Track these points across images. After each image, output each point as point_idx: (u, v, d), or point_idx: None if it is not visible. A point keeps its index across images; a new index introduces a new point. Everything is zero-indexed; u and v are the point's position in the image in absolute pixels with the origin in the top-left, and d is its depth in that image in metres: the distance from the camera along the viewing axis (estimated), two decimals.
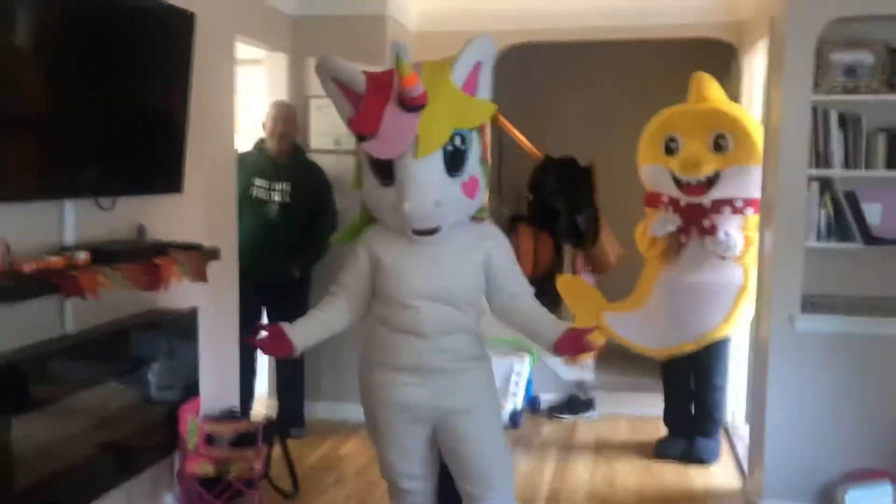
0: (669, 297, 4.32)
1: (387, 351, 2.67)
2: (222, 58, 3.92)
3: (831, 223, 3.53)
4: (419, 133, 2.40)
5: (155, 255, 3.01)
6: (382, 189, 2.54)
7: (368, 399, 2.75)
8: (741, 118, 4.19)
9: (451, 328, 2.62)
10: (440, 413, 2.65)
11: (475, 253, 2.64)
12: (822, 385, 3.55)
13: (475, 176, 2.57)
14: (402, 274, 2.60)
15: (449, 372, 2.63)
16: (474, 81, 2.55)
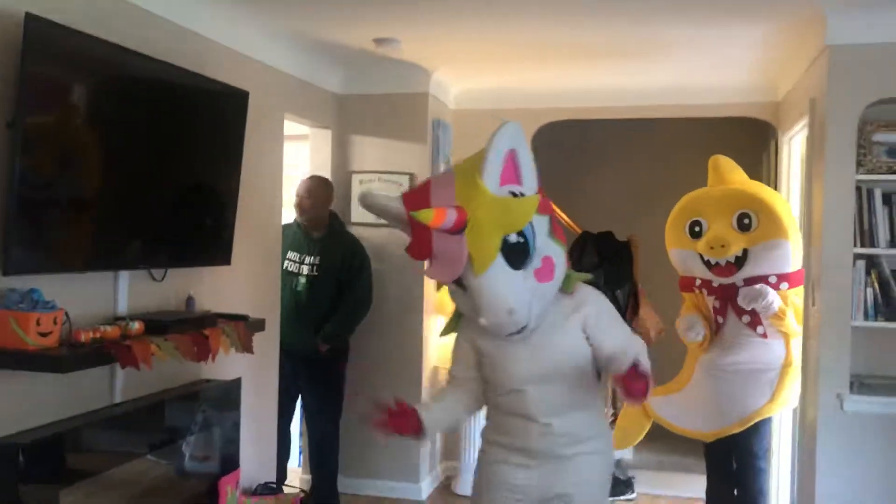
0: (712, 378, 4.25)
1: (500, 431, 2.65)
2: (271, 134, 4.05)
3: (878, 302, 3.50)
4: (470, 251, 2.36)
5: (203, 326, 3.06)
6: (461, 294, 2.50)
7: (479, 473, 2.72)
8: (762, 195, 4.18)
9: (564, 407, 2.56)
10: (546, 499, 2.59)
11: (571, 320, 2.55)
12: (872, 467, 3.46)
13: (548, 256, 2.47)
14: (504, 362, 2.57)
15: (560, 457, 2.57)
16: (513, 169, 2.49)
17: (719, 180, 4.30)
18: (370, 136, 4.92)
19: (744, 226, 4.07)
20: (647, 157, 6.36)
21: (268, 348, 3.97)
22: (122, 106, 2.83)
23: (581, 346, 2.56)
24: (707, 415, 4.27)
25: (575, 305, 2.56)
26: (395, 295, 4.89)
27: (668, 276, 5.50)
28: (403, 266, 4.86)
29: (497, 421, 2.67)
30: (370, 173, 4.90)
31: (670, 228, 4.39)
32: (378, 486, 4.87)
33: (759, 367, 4.16)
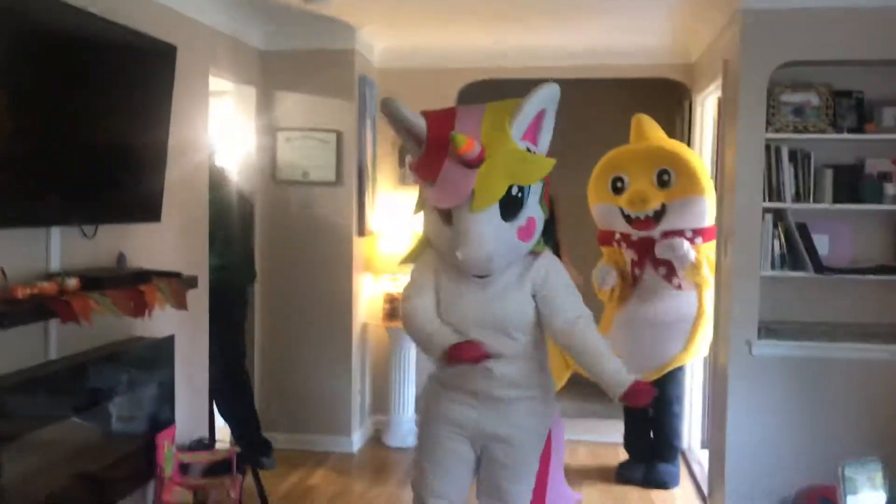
0: (629, 329, 4.48)
1: (446, 371, 2.78)
2: (197, 91, 3.99)
3: (784, 252, 3.75)
4: (476, 188, 2.46)
5: (138, 283, 3.05)
6: (442, 226, 2.61)
7: (426, 409, 2.86)
8: (681, 153, 4.41)
9: (507, 353, 2.69)
10: (484, 437, 2.74)
11: (526, 282, 2.69)
12: (777, 407, 3.73)
13: (533, 218, 2.61)
14: (456, 301, 2.69)
15: (500, 399, 2.71)
16: (537, 128, 2.63)
17: (641, 138, 4.50)
18: (296, 92, 4.89)
19: (663, 182, 4.27)
20: (566, 118, 6.46)
21: (198, 305, 3.95)
22: (44, 60, 2.73)
23: (530, 306, 2.71)
24: (626, 363, 4.48)
25: (532, 269, 2.71)
26: (324, 252, 4.92)
27: (585, 233, 5.70)
28: (333, 224, 4.90)
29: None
30: (296, 130, 4.88)
31: (593, 184, 4.56)
32: (310, 440, 4.94)
33: (673, 317, 4.40)
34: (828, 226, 3.79)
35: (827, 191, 3.74)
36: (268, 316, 4.99)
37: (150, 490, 3.54)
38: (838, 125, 3.73)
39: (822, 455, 3.70)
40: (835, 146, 3.78)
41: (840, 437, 3.70)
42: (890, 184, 3.70)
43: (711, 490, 4.10)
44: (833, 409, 3.70)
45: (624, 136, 4.87)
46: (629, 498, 4.32)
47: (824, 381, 3.71)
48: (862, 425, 3.68)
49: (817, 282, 3.77)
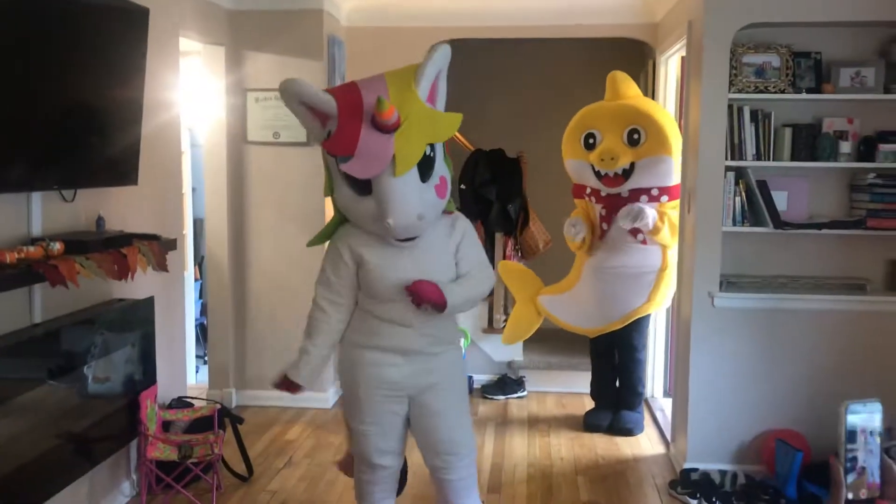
0: (597, 280, 4.64)
1: (374, 334, 2.82)
2: (167, 52, 3.98)
3: (745, 209, 3.89)
4: (396, 153, 2.52)
5: (120, 245, 3.09)
6: (359, 200, 2.64)
7: (352, 377, 2.88)
8: (653, 113, 4.51)
9: (434, 317, 2.78)
10: (417, 390, 2.84)
11: (448, 244, 2.80)
12: (738, 356, 3.92)
13: (443, 175, 2.71)
14: (385, 272, 2.74)
15: (428, 354, 2.82)
16: (435, 90, 2.69)
17: (616, 95, 4.59)
18: (265, 52, 4.88)
19: (633, 140, 4.39)
20: (533, 77, 6.58)
21: (175, 267, 3.99)
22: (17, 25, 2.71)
23: (451, 264, 2.82)
24: (591, 313, 4.67)
25: (451, 228, 2.82)
26: (297, 213, 4.97)
27: (553, 191, 5.83)
28: (305, 185, 4.94)
29: (370, 325, 2.82)
30: (266, 91, 4.88)
31: (567, 139, 4.67)
32: (286, 397, 4.98)
33: (638, 270, 4.56)
34: (786, 182, 3.94)
35: (786, 149, 3.87)
36: (241, 276, 5.05)
37: (134, 448, 3.64)
38: (797, 85, 3.85)
39: (781, 401, 3.92)
40: (794, 106, 3.91)
41: (797, 384, 3.90)
42: (845, 142, 3.85)
43: (674, 435, 4.30)
44: (790, 357, 3.89)
45: (589, 95, 4.96)
46: (596, 445, 4.51)
47: (782, 331, 3.89)
48: (818, 372, 3.88)
49: (776, 236, 3.93)
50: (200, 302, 6.15)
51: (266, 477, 3.99)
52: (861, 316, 3.85)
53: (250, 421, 4.68)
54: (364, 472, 3.01)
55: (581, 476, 4.06)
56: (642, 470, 4.15)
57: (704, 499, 3.64)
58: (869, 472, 1.03)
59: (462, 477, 2.92)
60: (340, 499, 3.74)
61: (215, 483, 3.63)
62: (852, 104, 3.87)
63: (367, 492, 3.02)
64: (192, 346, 5.73)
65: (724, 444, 3.95)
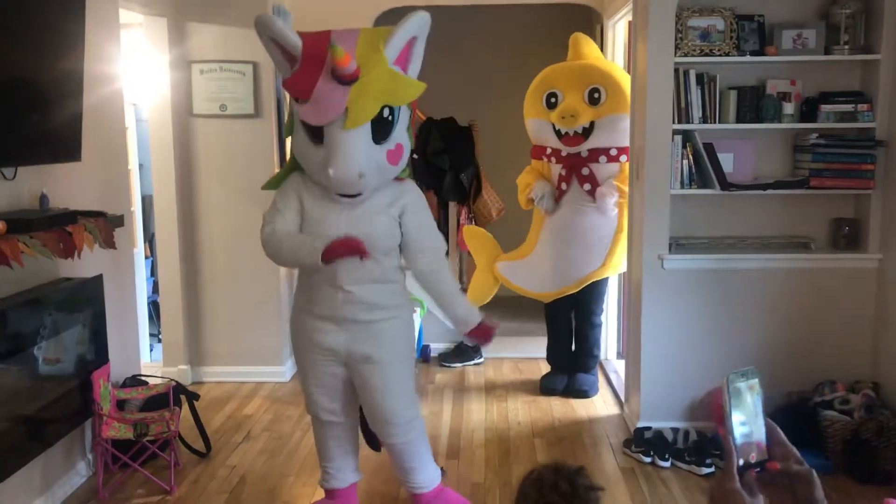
0: (553, 243, 4.70)
1: (310, 300, 2.89)
2: (106, 24, 3.88)
3: (692, 171, 3.95)
4: (349, 106, 2.54)
5: (65, 223, 3.03)
6: (312, 147, 2.68)
7: (295, 340, 2.99)
8: (613, 73, 4.55)
9: (366, 278, 2.81)
10: (353, 358, 2.88)
11: (392, 207, 2.83)
12: (688, 316, 4.00)
13: (400, 143, 2.73)
14: (321, 224, 2.77)
15: (363, 322, 2.85)
16: (407, 55, 2.70)
17: (577, 56, 4.63)
18: (208, 23, 4.78)
19: (594, 99, 4.43)
20: (482, 45, 6.56)
21: (123, 244, 3.93)
22: None
23: (394, 230, 2.85)
24: (547, 277, 4.73)
25: (398, 194, 2.85)
26: (247, 186, 4.91)
27: (506, 158, 5.85)
28: (254, 157, 4.88)
29: (307, 290, 2.90)
30: (211, 62, 4.79)
31: (529, 99, 4.70)
32: (243, 372, 5.03)
33: (594, 234, 4.62)
34: (732, 145, 4.00)
35: (731, 111, 3.93)
36: (192, 252, 4.98)
37: (89, 428, 3.60)
38: (741, 48, 3.90)
39: (730, 359, 4.01)
40: (738, 69, 3.97)
41: (745, 342, 3.99)
42: (789, 103, 3.92)
43: (628, 396, 4.39)
44: (739, 316, 3.98)
45: (539, 62, 4.97)
46: (553, 407, 4.58)
47: (730, 290, 3.97)
48: (765, 330, 3.98)
49: (723, 198, 4.00)
50: (152, 279, 6.07)
51: (225, 452, 3.99)
52: (806, 273, 3.96)
53: (207, 397, 4.67)
54: (316, 429, 3.10)
55: (538, 438, 4.13)
56: (597, 430, 4.23)
57: (658, 456, 3.73)
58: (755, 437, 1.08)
59: (404, 441, 2.99)
60: (300, 471, 3.76)
61: (173, 460, 3.61)
62: (795, 66, 3.94)
63: (322, 447, 3.11)
64: (146, 324, 5.66)
65: (675, 402, 4.04)
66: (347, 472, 3.14)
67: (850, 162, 3.85)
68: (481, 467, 3.79)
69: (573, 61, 4.64)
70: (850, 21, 3.85)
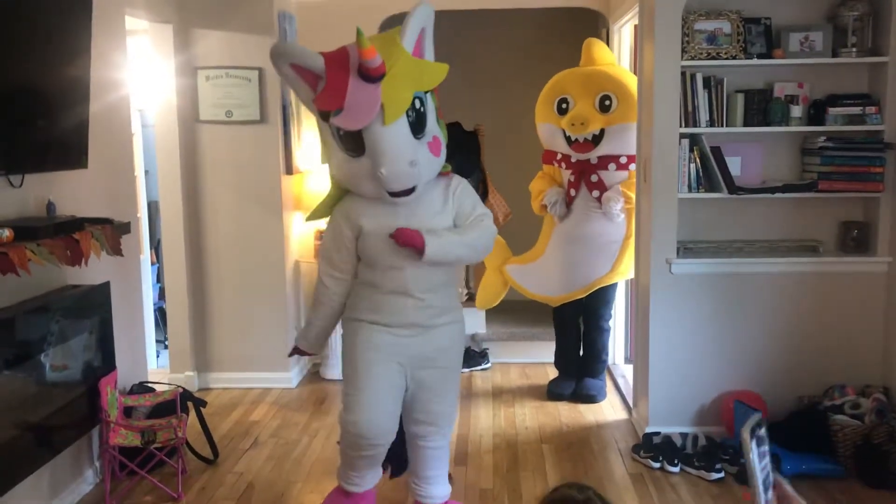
0: (563, 248, 4.70)
1: (375, 310, 2.86)
2: (114, 31, 3.88)
3: (699, 175, 3.93)
4: (384, 101, 2.55)
5: (72, 230, 3.03)
6: (354, 161, 2.68)
7: (353, 347, 2.91)
8: (625, 80, 4.54)
9: (436, 283, 2.83)
10: (416, 362, 2.87)
11: (448, 205, 2.83)
12: (696, 320, 3.98)
13: (436, 135, 2.77)
14: (382, 236, 2.75)
15: (429, 326, 2.86)
16: (421, 46, 2.73)
17: (590, 61, 4.62)
18: (214, 30, 4.78)
19: (604, 107, 4.43)
20: (487, 50, 6.56)
21: (130, 251, 3.93)
22: None
23: (451, 224, 2.85)
24: (556, 281, 4.73)
25: (450, 190, 2.85)
26: (253, 192, 4.92)
27: (512, 163, 5.85)
28: (260, 164, 4.88)
29: (373, 300, 2.87)
30: (217, 69, 4.79)
31: (540, 103, 4.71)
32: (250, 378, 5.02)
33: (603, 239, 4.61)
34: (739, 148, 3.98)
35: (738, 114, 3.91)
36: (198, 258, 4.98)
37: (96, 435, 3.60)
38: (748, 51, 3.88)
39: (738, 363, 4.00)
40: (745, 71, 3.95)
41: (754, 346, 3.97)
42: (796, 106, 3.90)
43: (636, 401, 4.37)
44: (747, 320, 3.96)
45: (545, 66, 4.97)
46: (560, 413, 4.56)
47: (738, 294, 3.95)
48: (773, 334, 3.96)
49: (731, 202, 3.98)
50: (158, 286, 6.07)
51: (232, 458, 3.97)
52: (814, 277, 3.93)
53: (214, 403, 4.67)
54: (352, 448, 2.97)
55: (546, 444, 4.11)
56: (606, 436, 4.21)
57: (666, 461, 3.71)
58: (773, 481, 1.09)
59: (439, 446, 2.98)
60: (308, 478, 3.74)
61: (180, 467, 3.59)
62: (802, 69, 3.92)
63: (353, 458, 3.00)
64: (152, 330, 5.65)
65: (684, 407, 4.02)
66: (369, 478, 3.12)
67: (859, 165, 3.83)
68: (489, 473, 3.77)
69: (585, 67, 4.63)
70: (857, 23, 3.84)
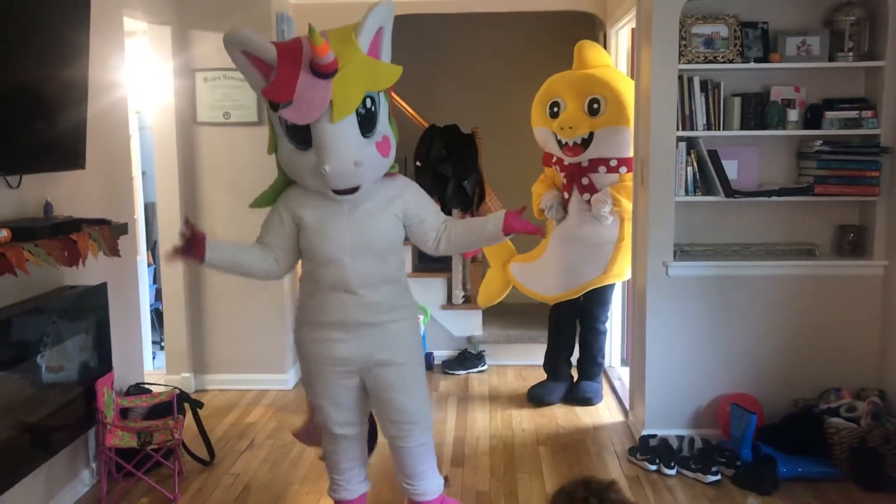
0: (558, 248, 4.73)
1: (317, 309, 2.86)
2: (112, 32, 3.88)
3: (696, 178, 3.94)
4: (333, 98, 2.53)
5: (69, 231, 3.02)
6: (300, 153, 2.67)
7: (303, 355, 2.95)
8: (614, 83, 4.54)
9: (377, 280, 2.81)
10: (368, 365, 2.86)
11: (393, 205, 2.83)
12: (692, 323, 3.98)
13: (386, 135, 2.74)
14: (325, 231, 2.76)
15: (376, 325, 2.83)
16: (377, 46, 2.70)
17: (581, 64, 4.63)
18: (212, 31, 4.78)
19: (593, 110, 4.44)
20: (484, 52, 6.57)
21: (127, 252, 3.93)
22: None
23: (397, 227, 2.86)
24: (551, 280, 4.77)
25: (396, 192, 2.85)
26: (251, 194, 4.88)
27: (509, 165, 5.87)
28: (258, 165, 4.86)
29: (314, 300, 2.87)
30: (215, 70, 4.79)
31: (535, 107, 4.73)
32: (246, 380, 5.02)
33: (595, 241, 4.62)
34: (736, 151, 3.99)
35: (735, 118, 3.92)
36: None
37: (92, 436, 3.59)
38: (745, 55, 3.90)
39: (734, 366, 4.00)
40: (742, 75, 3.97)
41: (750, 349, 3.98)
42: (793, 110, 3.91)
43: (632, 403, 4.37)
44: (743, 322, 3.97)
45: (541, 69, 4.98)
46: (556, 415, 4.56)
47: (735, 297, 3.96)
48: (769, 337, 3.97)
49: (728, 205, 3.99)
50: (155, 287, 6.06)
51: (229, 460, 3.97)
52: (810, 280, 3.94)
53: (210, 405, 4.67)
54: (328, 443, 3.07)
55: (542, 446, 4.11)
56: (602, 438, 4.22)
57: (663, 464, 3.71)
58: None
59: (420, 443, 2.98)
60: (304, 479, 3.74)
61: (177, 468, 3.59)
62: (799, 73, 3.93)
63: (333, 461, 3.09)
64: (148, 331, 5.65)
65: (680, 409, 4.02)
66: (356, 483, 3.13)
67: (855, 168, 3.85)
68: (486, 475, 3.77)
69: (577, 70, 4.65)
70: (854, 28, 3.85)
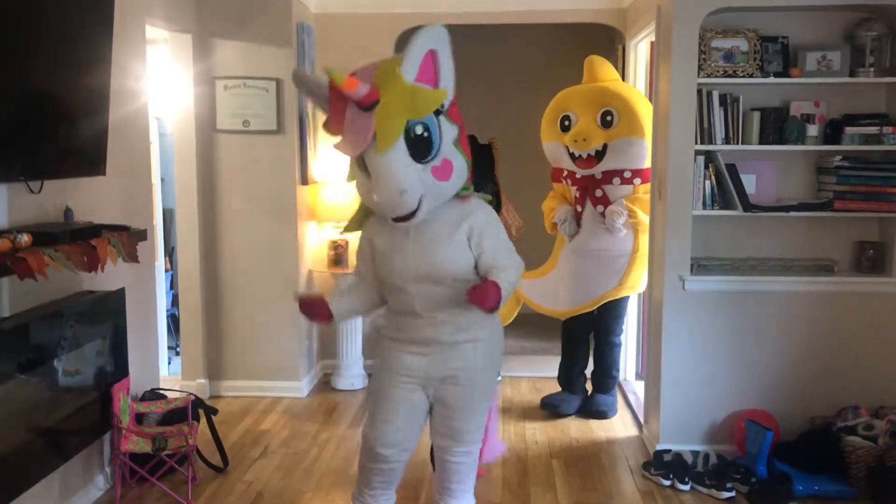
0: (572, 262, 4.71)
1: (395, 327, 2.88)
2: (134, 40, 3.92)
3: (714, 192, 3.93)
4: (376, 129, 2.54)
5: (89, 237, 3.05)
6: (366, 182, 2.68)
7: (378, 371, 2.95)
8: (626, 95, 4.55)
9: (444, 303, 2.77)
10: (435, 377, 2.84)
11: (458, 230, 2.75)
12: (708, 338, 3.96)
13: (447, 159, 2.66)
14: (391, 258, 2.77)
15: (450, 344, 2.81)
16: (430, 69, 2.65)
17: (592, 78, 4.64)
18: (233, 40, 4.83)
19: (606, 122, 4.44)
20: (503, 64, 6.59)
21: (145, 258, 3.95)
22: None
23: (464, 254, 2.76)
24: (563, 294, 4.75)
25: (463, 215, 2.76)
26: (268, 202, 4.95)
27: (525, 176, 5.86)
28: (276, 173, 4.91)
29: (395, 319, 2.89)
30: (235, 79, 4.83)
31: (545, 122, 4.73)
32: (261, 386, 5.04)
33: (611, 253, 4.61)
34: (755, 166, 3.98)
35: (754, 132, 3.91)
36: (212, 266, 5.01)
37: (107, 441, 3.61)
38: (765, 70, 3.89)
39: (750, 382, 3.98)
40: (762, 90, 3.95)
41: (766, 365, 3.95)
42: (812, 125, 3.90)
43: (647, 418, 4.35)
44: (760, 338, 3.94)
45: (560, 81, 4.98)
46: (570, 428, 4.55)
47: (752, 312, 3.93)
48: (786, 353, 3.94)
49: (745, 219, 3.97)
50: (171, 293, 6.10)
51: (242, 467, 3.98)
52: (829, 296, 3.91)
53: (224, 411, 4.68)
54: (368, 461, 2.95)
55: (556, 459, 4.09)
56: (616, 452, 4.19)
57: (677, 479, 3.69)
58: None
59: (460, 461, 2.93)
60: (318, 488, 3.74)
61: (190, 475, 3.60)
62: (819, 88, 3.92)
63: (367, 478, 2.98)
64: (164, 337, 5.68)
65: (695, 425, 4.00)
66: (383, 500, 3.08)
67: (875, 184, 3.82)
68: (499, 488, 3.76)
69: (588, 84, 4.65)
70: (875, 43, 3.83)
